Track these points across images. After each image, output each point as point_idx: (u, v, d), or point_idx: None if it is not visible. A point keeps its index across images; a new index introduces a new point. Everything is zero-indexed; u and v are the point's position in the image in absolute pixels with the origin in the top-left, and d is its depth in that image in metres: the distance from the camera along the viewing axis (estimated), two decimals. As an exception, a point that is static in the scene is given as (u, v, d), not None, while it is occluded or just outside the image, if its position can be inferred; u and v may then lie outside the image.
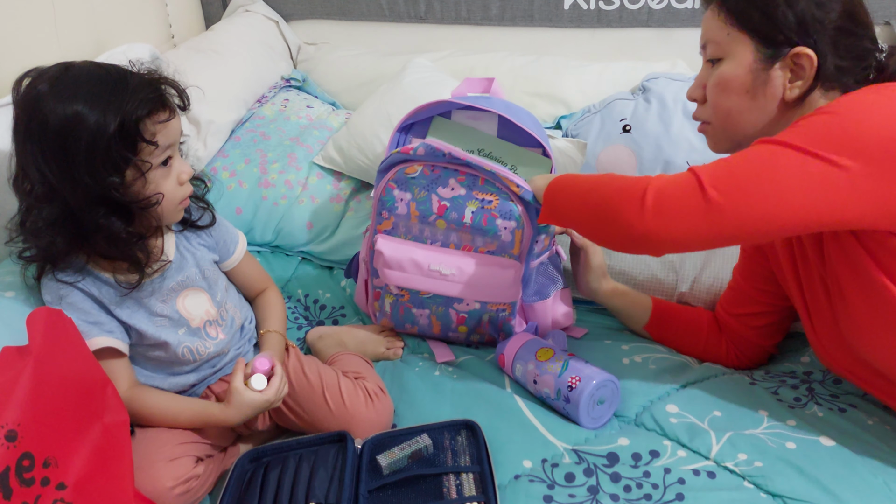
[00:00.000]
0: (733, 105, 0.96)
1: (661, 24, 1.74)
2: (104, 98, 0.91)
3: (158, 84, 0.97)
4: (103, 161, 0.91)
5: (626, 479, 0.97)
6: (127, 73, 0.96)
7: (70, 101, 0.90)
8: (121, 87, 0.93)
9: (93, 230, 0.95)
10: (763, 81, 0.93)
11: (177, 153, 1.01)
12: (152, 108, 0.94)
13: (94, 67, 0.96)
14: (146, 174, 0.95)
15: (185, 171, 1.01)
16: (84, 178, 0.91)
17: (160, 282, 1.05)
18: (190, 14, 1.99)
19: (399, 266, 1.21)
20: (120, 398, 0.93)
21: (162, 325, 1.05)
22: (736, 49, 0.94)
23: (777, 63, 0.92)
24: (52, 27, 1.45)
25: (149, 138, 0.94)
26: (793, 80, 0.92)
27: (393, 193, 1.20)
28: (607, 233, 0.94)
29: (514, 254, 1.18)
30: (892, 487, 0.91)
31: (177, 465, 0.97)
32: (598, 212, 0.94)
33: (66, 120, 0.89)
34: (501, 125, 1.25)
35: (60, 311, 0.90)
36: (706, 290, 1.35)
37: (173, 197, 1.00)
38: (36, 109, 0.91)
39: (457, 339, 1.30)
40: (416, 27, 1.93)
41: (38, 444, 0.74)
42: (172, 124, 0.97)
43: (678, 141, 1.56)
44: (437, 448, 1.02)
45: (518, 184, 1.13)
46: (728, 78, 0.95)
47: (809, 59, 0.90)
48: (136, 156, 0.93)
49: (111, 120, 0.90)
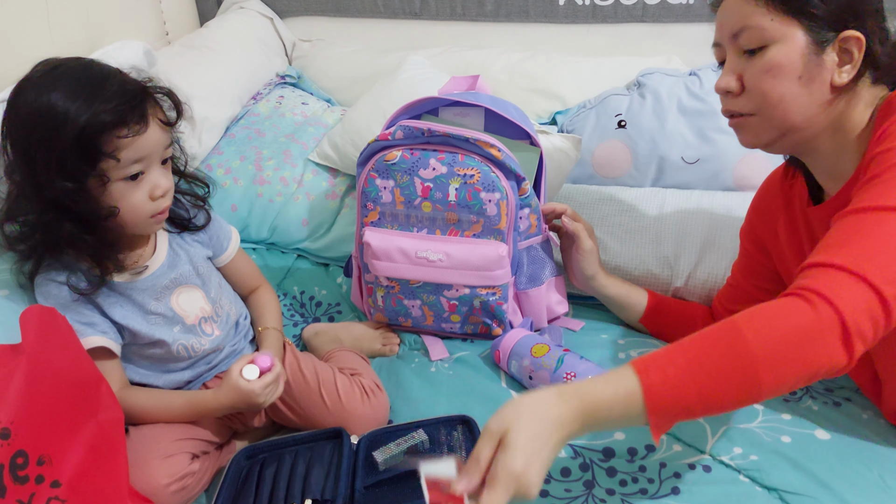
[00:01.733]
0: (786, 91, 0.90)
1: (656, 19, 1.74)
2: (79, 96, 0.89)
3: (141, 94, 0.94)
4: (58, 165, 0.89)
5: (621, 473, 0.97)
6: (112, 75, 0.94)
7: (46, 92, 0.89)
8: (97, 89, 0.90)
9: (53, 233, 0.94)
10: (816, 66, 0.89)
11: (154, 166, 0.96)
12: (119, 121, 0.90)
13: (82, 65, 0.94)
14: (107, 185, 0.93)
15: (159, 187, 0.96)
16: (40, 176, 0.90)
17: (153, 280, 1.05)
18: (184, 11, 1.99)
19: (387, 256, 1.21)
20: (114, 395, 0.93)
21: (156, 324, 1.05)
22: (784, 34, 0.89)
23: (828, 47, 0.88)
24: (45, 24, 1.44)
25: (109, 151, 0.90)
26: (842, 65, 0.89)
27: (375, 183, 1.21)
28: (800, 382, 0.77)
29: (500, 229, 1.20)
30: (886, 481, 0.91)
31: (172, 461, 0.97)
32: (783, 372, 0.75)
33: (37, 109, 0.89)
34: (489, 119, 1.26)
35: (53, 309, 0.89)
36: (701, 284, 1.35)
37: (140, 211, 0.96)
38: (16, 96, 0.91)
39: (451, 329, 1.30)
40: (412, 23, 1.93)
41: (32, 442, 0.74)
42: (145, 138, 0.93)
43: (673, 136, 1.56)
44: (433, 443, 1.02)
45: (499, 148, 1.15)
46: (780, 63, 0.89)
47: (858, 42, 0.87)
48: (93, 168, 0.90)
49: (73, 125, 0.87)
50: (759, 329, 0.74)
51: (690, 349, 0.76)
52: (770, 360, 0.73)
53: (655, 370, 0.75)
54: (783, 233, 1.09)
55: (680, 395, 0.74)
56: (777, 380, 0.74)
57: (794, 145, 0.96)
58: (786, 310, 0.75)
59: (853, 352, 0.73)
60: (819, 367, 0.74)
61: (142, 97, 0.94)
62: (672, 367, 0.75)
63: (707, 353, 0.75)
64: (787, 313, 0.75)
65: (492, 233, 1.20)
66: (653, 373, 0.75)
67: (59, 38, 1.47)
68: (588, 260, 1.27)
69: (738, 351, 0.74)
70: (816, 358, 0.73)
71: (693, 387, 0.74)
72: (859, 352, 0.74)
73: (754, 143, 0.98)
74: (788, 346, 0.73)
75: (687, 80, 1.61)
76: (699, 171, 1.55)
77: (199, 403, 1.03)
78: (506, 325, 1.27)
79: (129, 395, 1.01)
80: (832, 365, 0.74)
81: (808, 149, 0.96)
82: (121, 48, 1.45)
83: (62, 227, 0.93)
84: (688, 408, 0.75)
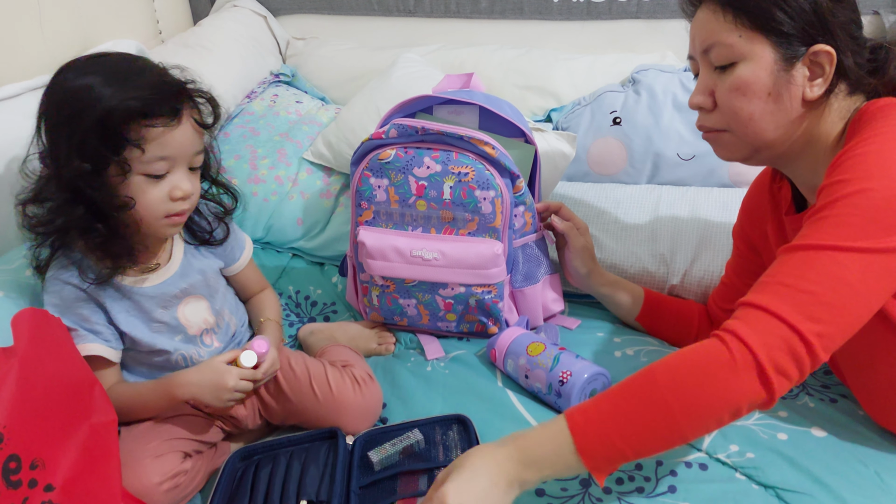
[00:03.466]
0: (756, 109, 0.90)
1: (651, 15, 1.74)
2: (115, 81, 0.89)
3: (177, 90, 0.93)
4: (79, 144, 0.89)
5: (618, 472, 0.97)
6: (152, 69, 0.94)
7: (84, 75, 0.91)
8: (133, 77, 0.91)
9: (66, 216, 0.93)
10: (786, 82, 0.88)
11: (180, 169, 0.95)
12: (147, 108, 0.89)
13: (125, 56, 0.96)
14: (127, 176, 0.92)
15: (180, 188, 0.95)
16: (61, 155, 0.90)
17: (163, 288, 1.04)
18: (177, 9, 1.98)
19: (382, 255, 1.21)
20: (108, 398, 0.93)
21: (158, 331, 1.04)
22: (752, 50, 0.88)
23: (797, 62, 0.87)
24: (36, 23, 1.44)
25: (133, 138, 0.90)
26: (813, 79, 0.88)
27: (369, 181, 1.21)
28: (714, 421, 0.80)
29: (495, 227, 1.19)
30: (882, 477, 0.91)
31: (163, 460, 0.97)
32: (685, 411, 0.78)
33: (71, 89, 0.90)
34: (483, 117, 1.25)
35: (46, 312, 0.89)
36: (697, 282, 1.35)
37: (155, 209, 0.95)
38: (56, 76, 0.93)
39: (447, 328, 1.30)
40: (406, 21, 1.93)
41: (24, 446, 0.74)
42: (174, 135, 0.92)
43: (668, 133, 1.56)
44: (428, 443, 1.01)
45: (493, 145, 1.15)
46: (748, 81, 0.89)
47: (829, 56, 0.86)
48: (115, 154, 0.90)
49: (100, 106, 0.88)
50: (673, 376, 0.79)
51: (613, 396, 0.81)
52: (684, 405, 0.77)
53: (580, 413, 0.81)
54: (772, 234, 1.09)
55: (605, 437, 0.79)
56: (695, 422, 0.78)
57: (770, 159, 0.96)
58: (702, 353, 0.80)
59: (772, 387, 0.77)
60: (737, 404, 0.77)
61: (177, 93, 0.94)
62: (595, 410, 0.81)
63: (627, 400, 0.80)
64: (702, 356, 0.79)
65: (487, 231, 1.20)
66: (577, 415, 0.80)
67: (52, 37, 1.46)
68: (582, 258, 1.27)
69: (654, 399, 0.78)
70: (731, 396, 0.77)
71: (616, 431, 0.79)
72: (782, 386, 0.77)
73: (730, 158, 0.98)
74: (700, 390, 0.78)
75: (682, 77, 1.61)
76: (695, 167, 1.55)
77: (164, 382, 1.00)
78: (502, 323, 1.27)
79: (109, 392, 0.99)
80: (751, 401, 0.77)
81: (785, 161, 0.96)
82: (113, 47, 1.45)
83: (75, 211, 0.92)
84: (617, 450, 0.79)
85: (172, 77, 0.96)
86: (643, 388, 0.80)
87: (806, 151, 0.93)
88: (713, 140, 0.98)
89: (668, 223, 1.42)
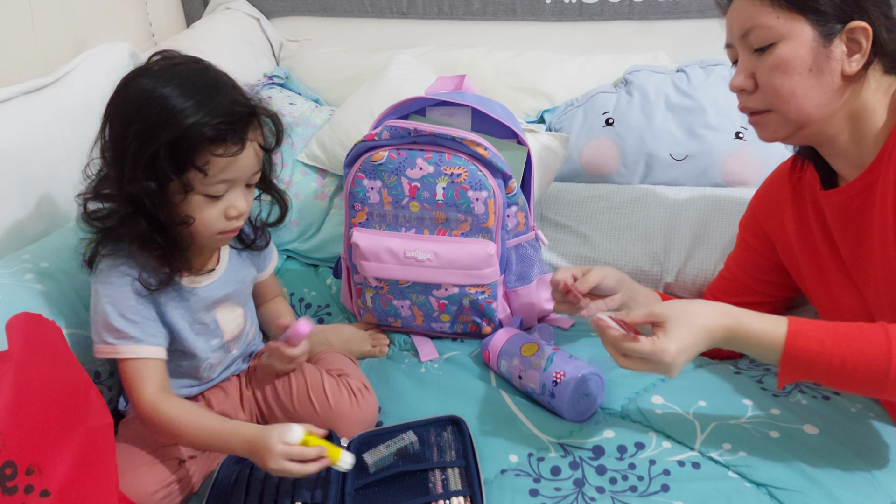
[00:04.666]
0: (797, 85, 0.92)
1: (643, 16, 1.75)
2: (192, 96, 0.89)
3: (248, 115, 0.93)
4: (148, 162, 0.88)
5: (611, 471, 0.97)
6: (226, 87, 0.93)
7: (162, 84, 0.89)
8: (210, 94, 0.90)
9: (128, 227, 0.93)
10: (825, 58, 0.91)
11: (238, 188, 0.96)
12: (218, 138, 0.89)
13: (200, 68, 0.94)
14: (187, 195, 0.92)
15: (236, 207, 0.96)
16: (127, 168, 0.89)
17: (210, 290, 1.05)
18: (170, 12, 1.98)
19: (375, 257, 1.21)
20: (103, 401, 0.92)
21: (199, 333, 1.05)
22: (791, 30, 0.91)
23: (835, 38, 0.90)
24: (29, 26, 1.43)
25: (199, 164, 0.90)
26: (851, 55, 0.91)
27: (363, 183, 1.21)
28: None
29: (488, 227, 1.20)
30: (874, 475, 0.92)
31: (159, 468, 0.97)
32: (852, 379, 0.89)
33: (147, 97, 0.89)
34: (475, 118, 1.26)
35: (40, 316, 0.89)
36: (691, 280, 1.36)
37: (211, 226, 0.96)
38: (129, 80, 0.92)
39: (441, 329, 1.30)
40: (399, 22, 1.93)
41: (20, 452, 0.73)
42: (239, 161, 0.92)
43: (661, 133, 1.56)
44: (422, 444, 1.02)
45: (485, 146, 1.16)
46: (789, 59, 0.92)
47: (865, 32, 0.89)
48: (178, 175, 0.90)
49: (175, 126, 0.87)
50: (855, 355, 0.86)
51: (838, 335, 0.88)
52: None
53: (802, 337, 0.88)
54: (791, 224, 1.10)
55: (810, 368, 0.88)
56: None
57: (811, 136, 0.97)
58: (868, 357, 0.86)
59: None
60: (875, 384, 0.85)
61: (247, 119, 0.93)
62: (816, 339, 0.88)
63: (849, 343, 0.87)
64: None
65: (480, 231, 1.20)
66: (800, 339, 0.88)
67: (44, 40, 1.46)
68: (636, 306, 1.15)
69: (881, 349, 0.85)
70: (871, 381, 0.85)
71: (824, 368, 0.87)
72: None
73: (773, 138, 1.00)
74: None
75: (674, 77, 1.61)
76: (688, 167, 1.56)
77: (228, 429, 0.95)
78: (495, 323, 1.27)
79: (165, 400, 0.97)
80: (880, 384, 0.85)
81: (825, 138, 0.97)
82: (106, 50, 1.45)
83: (137, 224, 0.93)
84: (814, 379, 0.90)
85: (244, 97, 0.95)
86: (875, 339, 0.86)
87: (848, 125, 0.95)
88: (757, 122, 1.00)
89: (662, 222, 1.42)
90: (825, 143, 0.98)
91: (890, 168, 0.91)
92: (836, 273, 1.04)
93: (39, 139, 1.23)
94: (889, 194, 0.91)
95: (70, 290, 1.10)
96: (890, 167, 0.91)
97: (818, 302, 1.10)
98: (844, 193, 0.98)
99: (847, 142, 0.96)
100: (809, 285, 1.10)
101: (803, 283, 1.12)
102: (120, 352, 0.96)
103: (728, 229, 1.37)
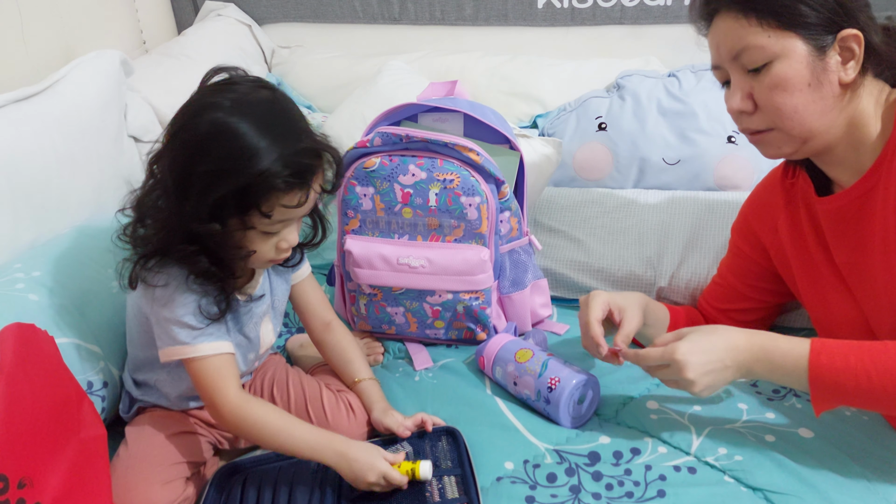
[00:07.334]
0: (799, 101, 0.91)
1: (634, 21, 1.75)
2: (266, 135, 0.86)
3: (317, 162, 0.91)
4: (215, 204, 0.86)
5: (607, 477, 0.97)
6: (294, 119, 0.92)
7: (237, 118, 0.86)
8: (283, 136, 0.88)
9: (188, 264, 0.92)
10: (822, 70, 0.90)
11: (292, 225, 0.96)
12: (288, 190, 0.88)
13: (268, 100, 0.91)
14: (247, 232, 0.92)
15: (287, 240, 0.96)
16: (190, 207, 0.87)
17: (256, 305, 1.04)
18: (161, 19, 1.97)
19: (368, 264, 1.21)
20: (97, 412, 0.92)
21: (239, 345, 1.04)
22: (784, 47, 0.90)
23: (829, 50, 0.90)
24: (19, 33, 1.43)
25: (265, 210, 0.89)
26: (845, 63, 0.91)
27: (355, 190, 1.21)
28: None
29: (481, 233, 1.20)
30: (869, 478, 0.92)
31: (171, 487, 0.96)
32: None
33: (221, 130, 0.86)
34: (468, 124, 1.26)
35: (32, 326, 0.88)
36: (685, 285, 1.36)
37: (264, 257, 0.96)
38: (203, 115, 0.87)
39: (435, 336, 1.30)
40: (391, 28, 1.93)
41: (12, 465, 0.73)
42: (300, 208, 0.92)
43: (653, 138, 1.57)
44: (417, 454, 1.01)
45: (477, 151, 1.16)
46: (787, 77, 0.90)
47: (857, 39, 0.89)
48: (241, 216, 0.89)
49: (247, 172, 0.85)
50: None
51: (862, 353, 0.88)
52: None
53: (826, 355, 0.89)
54: (784, 230, 1.10)
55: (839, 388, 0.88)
56: None
57: (814, 149, 0.97)
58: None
59: None
60: None
61: (316, 167, 0.92)
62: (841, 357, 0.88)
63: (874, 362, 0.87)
64: None
65: (473, 237, 1.20)
66: (823, 356, 0.89)
67: (34, 48, 1.45)
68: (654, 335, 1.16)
69: None
70: None
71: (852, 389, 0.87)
72: None
73: (777, 155, 0.99)
74: None
75: (666, 82, 1.62)
76: (680, 171, 1.56)
77: (322, 440, 0.95)
78: (490, 329, 1.27)
79: (249, 401, 0.96)
80: None
81: (825, 149, 0.97)
82: (97, 57, 1.44)
83: (199, 261, 0.92)
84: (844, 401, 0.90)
85: (315, 140, 0.93)
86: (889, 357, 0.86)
87: (847, 133, 0.95)
88: (759, 141, 0.98)
89: (655, 226, 1.43)
90: (826, 153, 0.98)
91: (891, 173, 0.91)
92: (830, 279, 1.04)
93: (30, 147, 1.22)
94: (890, 199, 0.91)
95: (63, 299, 1.08)
96: (891, 172, 0.91)
97: (812, 307, 1.10)
98: (841, 200, 0.98)
99: (845, 149, 0.96)
100: (803, 291, 1.10)
101: (797, 289, 1.12)
102: (199, 350, 0.95)
103: (721, 233, 1.38)
